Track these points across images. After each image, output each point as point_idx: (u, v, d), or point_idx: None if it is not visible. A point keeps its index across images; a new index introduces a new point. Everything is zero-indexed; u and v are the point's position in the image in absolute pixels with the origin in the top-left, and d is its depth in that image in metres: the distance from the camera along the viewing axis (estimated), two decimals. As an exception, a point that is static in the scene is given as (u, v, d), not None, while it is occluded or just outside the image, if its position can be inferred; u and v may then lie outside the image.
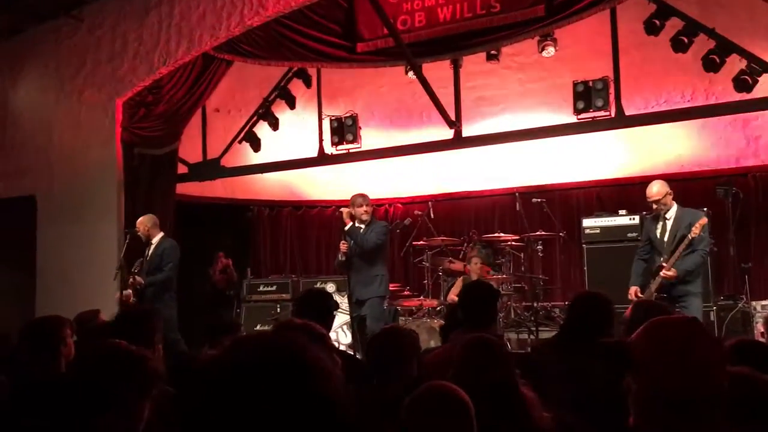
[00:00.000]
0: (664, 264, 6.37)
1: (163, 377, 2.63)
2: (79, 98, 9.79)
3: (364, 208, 7.38)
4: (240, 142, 10.08)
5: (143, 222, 7.99)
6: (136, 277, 7.59)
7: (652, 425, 1.79)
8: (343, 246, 7.34)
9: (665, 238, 6.55)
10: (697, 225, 6.32)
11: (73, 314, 4.83)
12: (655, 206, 6.61)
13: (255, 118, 10.06)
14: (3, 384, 3.41)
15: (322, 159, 9.55)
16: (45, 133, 10.05)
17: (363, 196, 7.49)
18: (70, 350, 3.84)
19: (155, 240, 7.92)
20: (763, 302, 8.20)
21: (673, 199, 6.64)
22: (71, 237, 9.46)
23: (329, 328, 4.45)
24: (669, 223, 6.57)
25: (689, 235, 6.31)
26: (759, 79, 7.20)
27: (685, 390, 1.74)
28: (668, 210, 6.59)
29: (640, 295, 6.41)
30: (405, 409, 2.42)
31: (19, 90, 10.41)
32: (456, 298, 7.08)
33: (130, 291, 7.65)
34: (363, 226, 7.36)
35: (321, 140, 9.47)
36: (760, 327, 7.89)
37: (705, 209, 7.97)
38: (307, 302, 4.60)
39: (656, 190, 6.60)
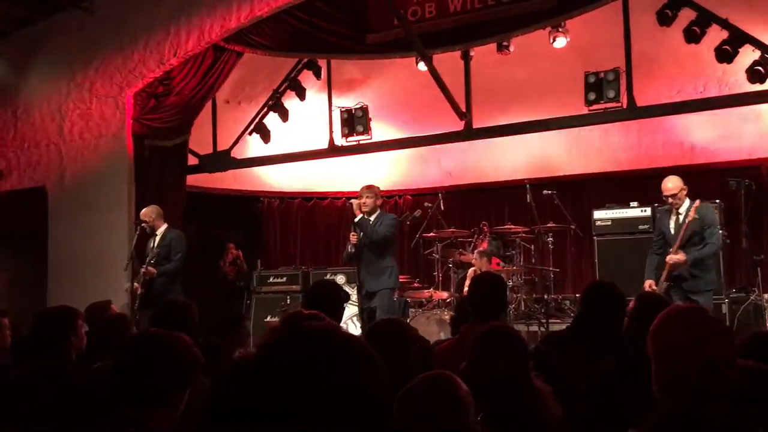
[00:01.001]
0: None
1: (202, 366, 2.59)
2: (90, 89, 9.81)
3: (366, 199, 7.33)
4: (250, 133, 10.07)
5: (147, 213, 7.99)
6: (149, 267, 7.61)
7: (670, 401, 2.01)
8: (353, 238, 7.31)
9: (679, 233, 6.54)
10: (692, 209, 6.38)
11: (84, 305, 4.84)
12: (670, 200, 6.61)
13: (265, 110, 10.03)
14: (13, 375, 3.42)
15: (333, 150, 9.53)
16: (56, 125, 10.07)
17: (369, 187, 7.45)
18: (81, 341, 3.85)
19: (160, 231, 7.94)
20: (776, 295, 8.16)
21: (687, 194, 6.64)
22: (82, 228, 9.49)
23: (339, 319, 4.44)
24: (682, 218, 6.57)
25: (687, 219, 6.37)
26: (772, 69, 7.14)
27: (697, 371, 1.97)
28: (681, 205, 6.59)
29: (654, 287, 6.42)
30: (398, 400, 2.34)
31: (30, 81, 10.43)
32: (469, 290, 7.05)
33: (137, 282, 7.66)
34: (372, 217, 7.34)
35: (331, 131, 9.44)
36: (772, 319, 7.86)
37: (717, 201, 7.93)
38: (317, 293, 4.59)
39: (672, 185, 6.61)
